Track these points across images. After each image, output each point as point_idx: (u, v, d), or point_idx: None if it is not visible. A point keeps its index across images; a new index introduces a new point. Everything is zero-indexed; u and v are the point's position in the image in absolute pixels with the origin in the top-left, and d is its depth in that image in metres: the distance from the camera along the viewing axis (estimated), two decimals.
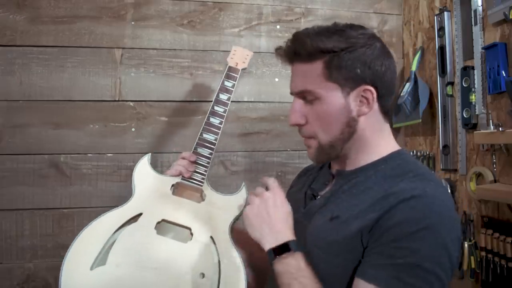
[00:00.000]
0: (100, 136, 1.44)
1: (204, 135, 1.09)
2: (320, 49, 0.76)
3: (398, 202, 0.70)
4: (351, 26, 0.80)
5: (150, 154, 1.09)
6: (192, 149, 1.07)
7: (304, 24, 1.61)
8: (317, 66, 0.77)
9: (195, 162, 1.04)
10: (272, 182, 0.86)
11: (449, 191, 1.35)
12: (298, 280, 0.72)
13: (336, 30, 0.78)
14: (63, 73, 1.43)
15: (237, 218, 1.00)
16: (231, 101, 1.52)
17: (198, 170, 1.05)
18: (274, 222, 0.79)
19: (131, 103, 1.47)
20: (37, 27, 1.42)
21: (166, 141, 1.49)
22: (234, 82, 1.16)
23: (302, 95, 0.81)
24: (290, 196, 0.95)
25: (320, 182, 0.91)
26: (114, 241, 0.93)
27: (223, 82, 1.15)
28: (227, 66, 1.18)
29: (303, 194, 0.92)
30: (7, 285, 1.35)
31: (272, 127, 1.55)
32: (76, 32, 1.44)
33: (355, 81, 0.77)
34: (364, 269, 0.70)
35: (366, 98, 0.78)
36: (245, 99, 1.54)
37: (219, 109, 1.13)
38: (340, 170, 0.85)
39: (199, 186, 1.04)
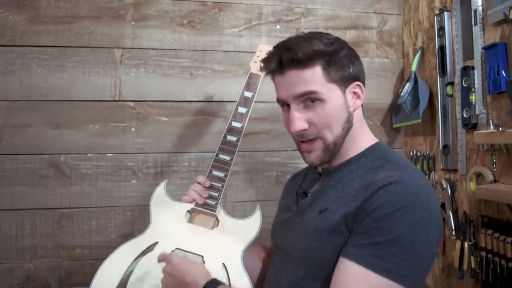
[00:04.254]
0: (100, 136, 1.44)
1: (221, 156, 1.07)
2: (320, 51, 0.80)
3: (378, 188, 0.75)
4: (321, 33, 0.87)
5: (166, 180, 1.10)
6: (208, 172, 1.07)
7: (304, 24, 1.61)
8: (316, 70, 0.81)
9: (210, 186, 1.05)
10: (161, 256, 0.92)
11: (426, 177, 1.39)
12: None
13: (319, 36, 0.83)
14: (63, 73, 1.43)
15: (250, 244, 1.01)
16: (231, 101, 1.53)
17: (212, 194, 1.04)
18: (183, 280, 0.84)
19: (131, 103, 1.47)
20: (37, 27, 1.42)
21: (166, 141, 1.49)
22: (254, 92, 1.10)
23: (304, 98, 0.81)
24: (283, 200, 1.05)
25: (309, 181, 0.97)
26: (132, 271, 0.95)
27: (242, 93, 1.10)
28: (249, 73, 1.13)
29: (294, 195, 0.97)
30: (7, 285, 1.35)
31: (272, 127, 1.55)
32: (76, 32, 1.44)
33: (348, 78, 0.84)
34: (346, 249, 0.75)
35: (357, 93, 0.86)
36: None
37: (237, 124, 1.08)
38: (325, 168, 0.90)
39: (212, 212, 1.04)
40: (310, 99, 0.81)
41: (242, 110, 1.09)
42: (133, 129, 1.47)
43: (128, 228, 1.44)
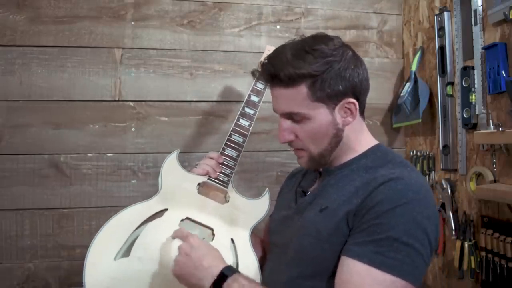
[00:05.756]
0: (100, 136, 1.44)
1: (233, 137, 1.10)
2: (302, 75, 0.79)
3: (379, 184, 0.76)
4: (322, 40, 0.82)
5: (178, 150, 1.10)
6: (220, 150, 1.08)
7: (304, 24, 1.61)
8: (301, 90, 0.80)
9: (222, 163, 1.07)
10: (180, 233, 0.91)
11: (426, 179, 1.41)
12: None
13: (312, 50, 0.80)
14: (63, 73, 1.43)
15: (258, 223, 1.03)
16: (231, 101, 1.53)
17: (224, 172, 1.06)
18: (200, 263, 0.83)
19: (131, 103, 1.47)
20: (37, 27, 1.42)
21: (166, 141, 1.49)
22: (265, 84, 1.15)
23: (289, 115, 0.84)
24: (281, 197, 1.05)
25: (308, 180, 0.96)
26: (139, 234, 0.95)
27: (255, 84, 1.16)
28: (261, 67, 1.18)
29: (293, 193, 0.97)
30: (7, 285, 1.35)
31: (272, 127, 1.55)
32: (76, 32, 1.44)
33: (338, 96, 0.82)
34: (348, 247, 0.75)
35: (349, 109, 0.83)
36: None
37: (249, 111, 1.13)
38: (326, 168, 0.90)
39: (224, 188, 1.05)
40: (293, 118, 0.84)
41: (254, 99, 1.14)
42: (133, 129, 1.47)
43: (137, 203, 1.43)
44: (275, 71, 0.81)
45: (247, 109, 1.13)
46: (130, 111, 1.47)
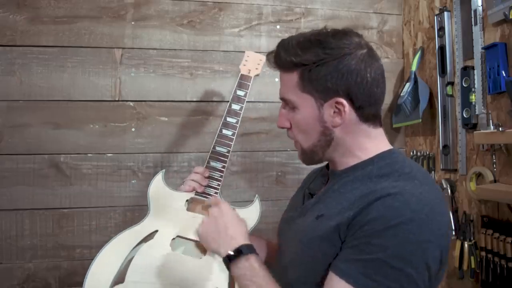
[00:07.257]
0: (100, 136, 1.44)
1: (217, 148, 1.09)
2: (293, 63, 0.79)
3: (375, 199, 0.70)
4: (335, 35, 0.79)
5: (164, 170, 1.10)
6: (205, 163, 1.08)
7: (304, 24, 1.61)
8: (294, 77, 0.80)
9: (208, 177, 1.06)
10: (214, 199, 0.95)
11: (440, 190, 1.30)
12: (252, 281, 0.77)
13: (317, 40, 0.78)
14: (63, 73, 1.43)
15: (250, 231, 1.01)
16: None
17: (212, 184, 1.06)
18: (224, 230, 0.85)
19: (131, 103, 1.47)
20: (37, 27, 1.42)
21: (166, 141, 1.49)
22: (246, 91, 1.15)
23: (285, 102, 0.85)
24: (293, 198, 1.03)
25: (318, 182, 0.94)
26: (132, 258, 0.95)
27: (235, 91, 1.14)
28: (239, 74, 1.17)
29: (302, 194, 0.95)
30: (7, 285, 1.35)
31: (272, 127, 1.55)
32: (76, 32, 1.44)
33: (326, 93, 0.78)
34: (336, 263, 0.72)
35: (339, 110, 0.78)
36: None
37: (231, 120, 1.11)
38: (333, 171, 0.87)
39: None
40: (288, 105, 0.84)
41: (236, 107, 1.13)
42: (133, 129, 1.47)
43: (128, 228, 1.44)
44: (275, 56, 0.83)
45: (229, 119, 1.11)
46: (130, 111, 1.47)
